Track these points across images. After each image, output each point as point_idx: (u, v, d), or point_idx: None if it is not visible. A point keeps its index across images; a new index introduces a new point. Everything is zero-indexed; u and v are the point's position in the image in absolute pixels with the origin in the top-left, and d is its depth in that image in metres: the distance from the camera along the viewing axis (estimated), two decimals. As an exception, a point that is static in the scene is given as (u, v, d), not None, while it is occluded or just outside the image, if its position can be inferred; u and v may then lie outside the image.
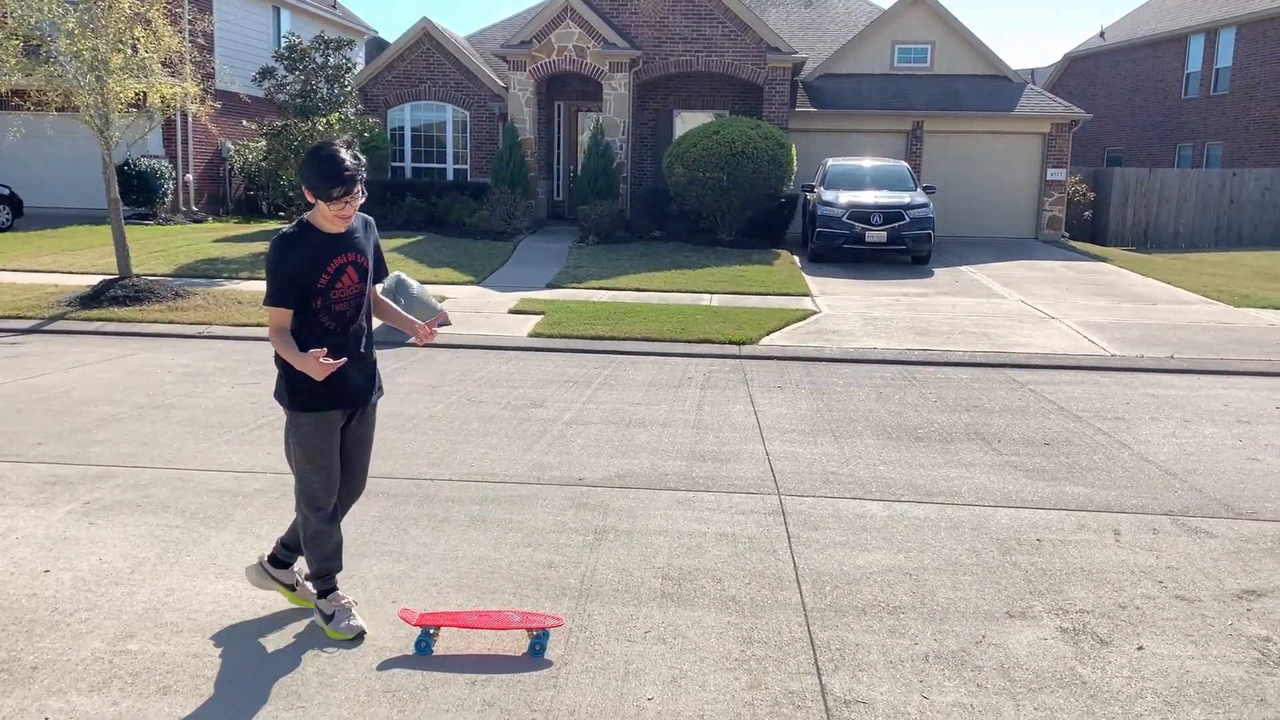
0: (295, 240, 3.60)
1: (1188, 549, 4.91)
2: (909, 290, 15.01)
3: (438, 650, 3.70)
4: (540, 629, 3.71)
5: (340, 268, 3.65)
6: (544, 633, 3.71)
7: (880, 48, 23.49)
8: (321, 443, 3.75)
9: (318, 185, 3.52)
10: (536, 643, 3.69)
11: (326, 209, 3.55)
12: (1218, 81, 28.81)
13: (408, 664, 3.61)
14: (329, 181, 3.50)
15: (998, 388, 8.98)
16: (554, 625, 3.74)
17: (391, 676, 3.53)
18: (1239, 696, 3.52)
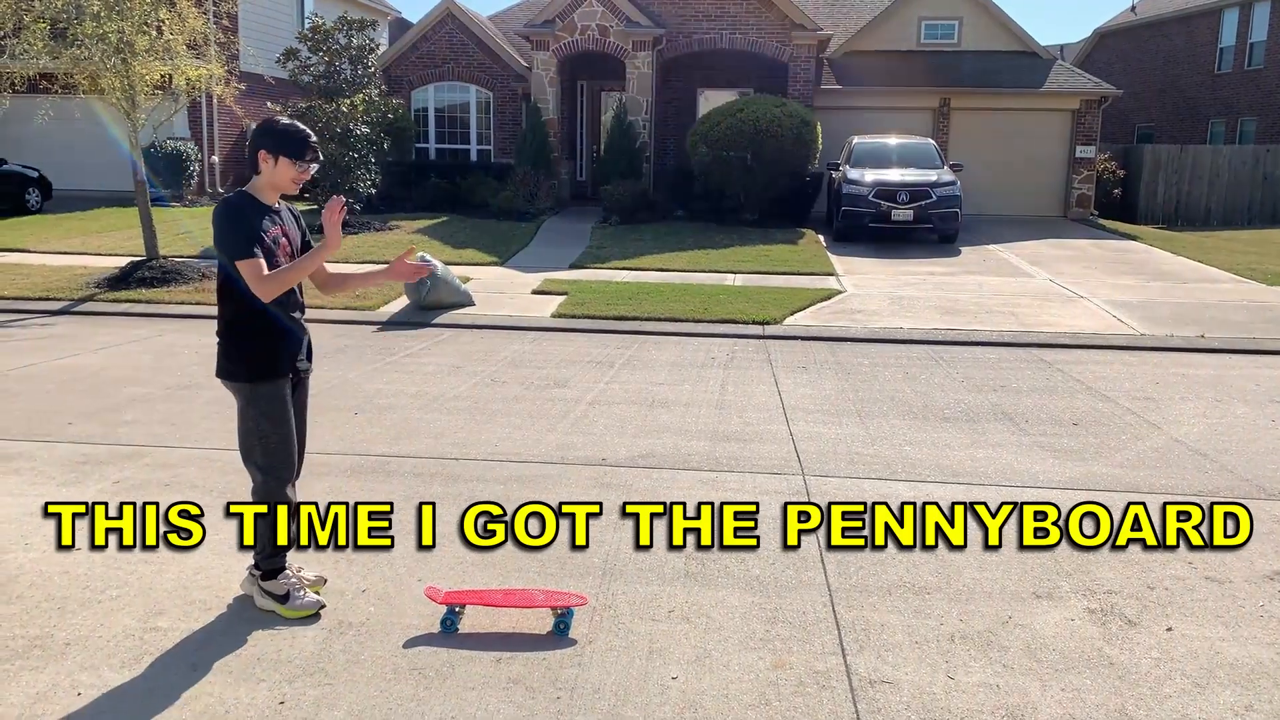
0: (238, 206, 3.72)
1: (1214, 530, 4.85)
2: (935, 269, 14.88)
3: (463, 629, 3.72)
4: (565, 608, 3.72)
5: (275, 238, 3.74)
6: (568, 611, 3.73)
7: (907, 24, 23.22)
8: (284, 409, 3.81)
9: (292, 149, 3.70)
10: (561, 621, 3.71)
11: (290, 170, 3.70)
12: (1252, 56, 28.27)
13: (433, 642, 3.63)
14: (303, 147, 3.71)
15: (1025, 367, 8.89)
16: (578, 604, 3.76)
17: (418, 654, 3.55)
18: (1270, 679, 3.48)
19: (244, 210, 3.69)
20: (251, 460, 3.81)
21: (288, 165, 3.69)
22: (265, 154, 3.70)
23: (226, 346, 3.77)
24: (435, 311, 11.05)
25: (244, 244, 3.61)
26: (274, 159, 3.69)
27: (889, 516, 4.96)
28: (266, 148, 3.69)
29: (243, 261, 3.60)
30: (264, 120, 3.79)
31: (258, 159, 3.71)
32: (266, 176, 3.73)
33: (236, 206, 3.69)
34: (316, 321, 10.60)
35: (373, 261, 14.42)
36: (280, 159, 3.69)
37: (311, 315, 11.50)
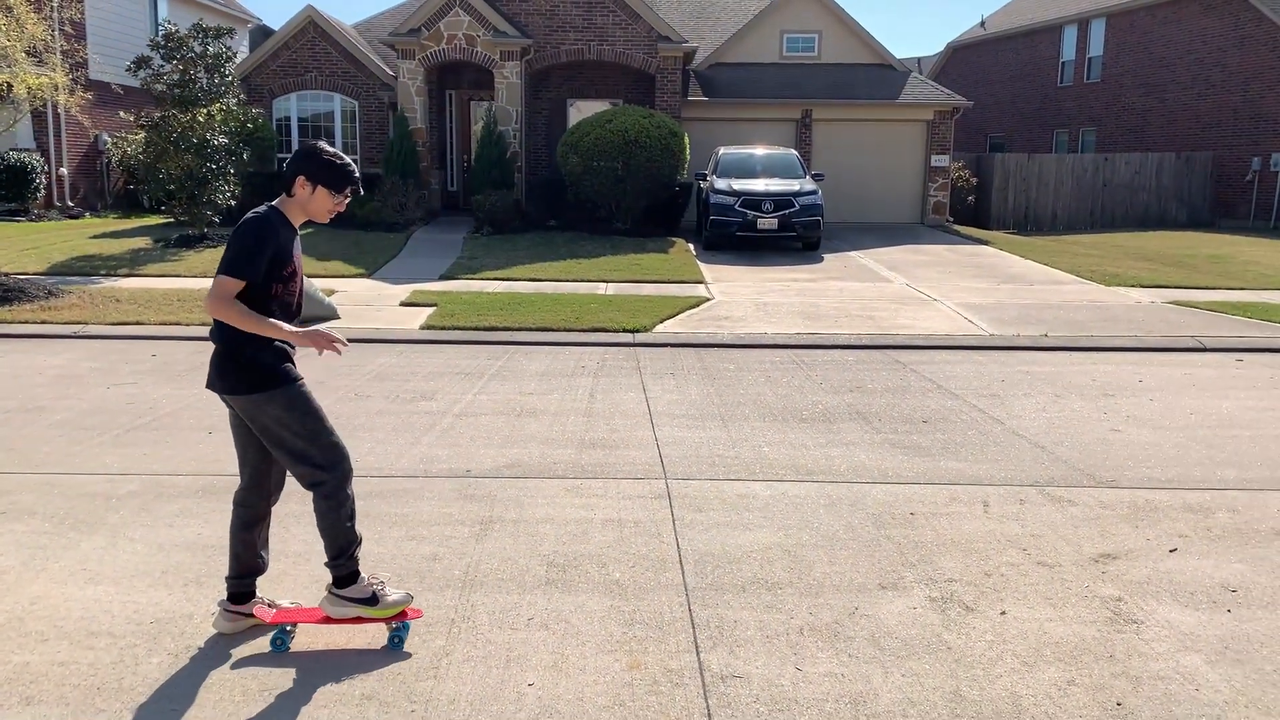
0: (274, 224, 3.61)
1: (1051, 517, 5.17)
2: (799, 276, 15.31)
3: (294, 647, 3.67)
4: (400, 621, 3.71)
5: (293, 271, 3.69)
6: (404, 625, 3.71)
7: (769, 37, 23.83)
8: (315, 401, 3.68)
9: (333, 180, 3.64)
10: (395, 635, 3.70)
11: (327, 201, 3.66)
12: (1090, 70, 30.05)
13: (266, 662, 3.57)
14: (346, 178, 3.67)
15: (881, 369, 9.24)
16: (414, 617, 3.76)
17: (268, 675, 3.48)
18: (1091, 654, 3.73)
19: (276, 230, 3.58)
20: (309, 463, 3.64)
21: (325, 195, 3.66)
22: (304, 180, 3.64)
23: (243, 361, 3.58)
24: (299, 325, 10.77)
25: (246, 263, 3.50)
26: (312, 186, 3.64)
27: (746, 516, 5.10)
28: (307, 174, 3.64)
29: (229, 278, 3.48)
30: (307, 145, 3.69)
31: (294, 182, 3.64)
32: (300, 201, 3.67)
33: (271, 225, 3.58)
34: (173, 339, 10.30)
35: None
36: (319, 188, 3.64)
37: (167, 332, 10.98)
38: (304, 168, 3.64)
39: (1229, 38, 25.21)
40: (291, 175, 3.66)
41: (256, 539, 3.83)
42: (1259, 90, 24.54)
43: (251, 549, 3.82)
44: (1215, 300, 13.00)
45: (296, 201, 3.67)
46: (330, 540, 3.71)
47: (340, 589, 3.73)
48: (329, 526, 3.70)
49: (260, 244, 3.54)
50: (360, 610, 3.72)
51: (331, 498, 3.67)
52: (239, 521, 3.81)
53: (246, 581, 3.83)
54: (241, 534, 3.80)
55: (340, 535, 3.70)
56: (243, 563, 3.81)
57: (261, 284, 3.55)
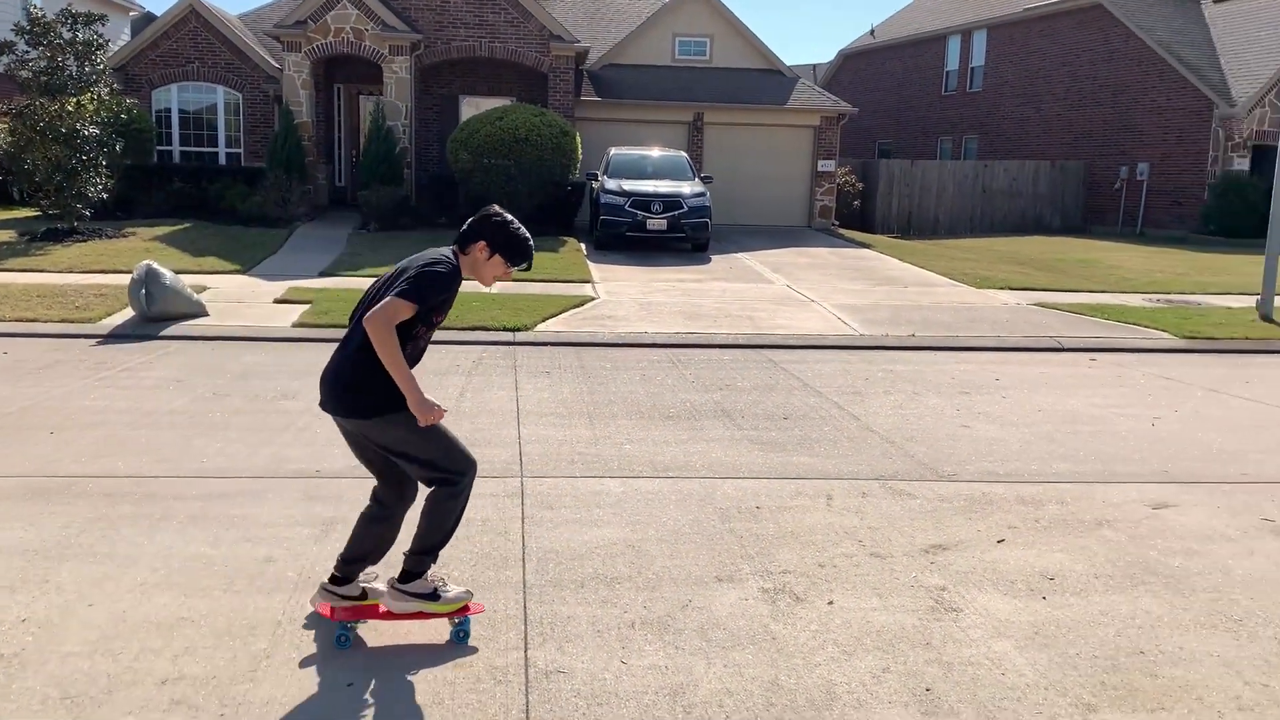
0: (457, 273, 3.68)
1: (890, 510, 5.33)
2: (685, 276, 15.46)
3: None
4: (462, 616, 3.77)
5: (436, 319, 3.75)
6: (465, 619, 3.78)
7: (662, 39, 24.01)
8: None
9: (513, 255, 3.75)
10: (459, 630, 3.76)
11: (498, 269, 3.75)
12: (973, 79, 31.09)
13: (104, 665, 3.46)
14: (526, 255, 3.80)
15: (754, 367, 9.40)
16: (477, 612, 3.83)
17: (74, 681, 3.37)
18: (909, 641, 3.86)
19: (457, 279, 3.66)
20: (437, 469, 3.68)
21: (499, 264, 3.74)
22: (485, 245, 3.71)
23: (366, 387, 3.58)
24: (164, 323, 10.44)
25: (426, 293, 3.52)
26: (490, 253, 3.72)
27: (596, 512, 5.14)
28: (490, 242, 3.71)
29: (405, 303, 3.45)
30: (497, 215, 3.76)
31: (475, 245, 3.70)
32: (472, 262, 3.72)
33: (456, 272, 3.65)
34: (28, 336, 9.85)
35: (100, 271, 13.49)
36: (496, 256, 3.72)
37: (22, 329, 10.51)
38: (490, 235, 3.71)
39: (1100, 51, 26.38)
40: (474, 237, 3.71)
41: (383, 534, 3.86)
42: (1127, 102, 25.74)
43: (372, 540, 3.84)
44: (1077, 302, 13.58)
45: (468, 260, 3.72)
46: (428, 534, 3.74)
47: (404, 584, 3.77)
48: (436, 521, 3.73)
49: (444, 285, 3.60)
50: (422, 605, 3.76)
51: (455, 498, 3.74)
52: (369, 515, 3.86)
53: (354, 566, 3.82)
54: (368, 526, 3.83)
55: (439, 533, 3.76)
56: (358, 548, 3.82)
57: (412, 319, 3.54)
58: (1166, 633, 3.98)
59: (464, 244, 3.73)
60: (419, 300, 3.49)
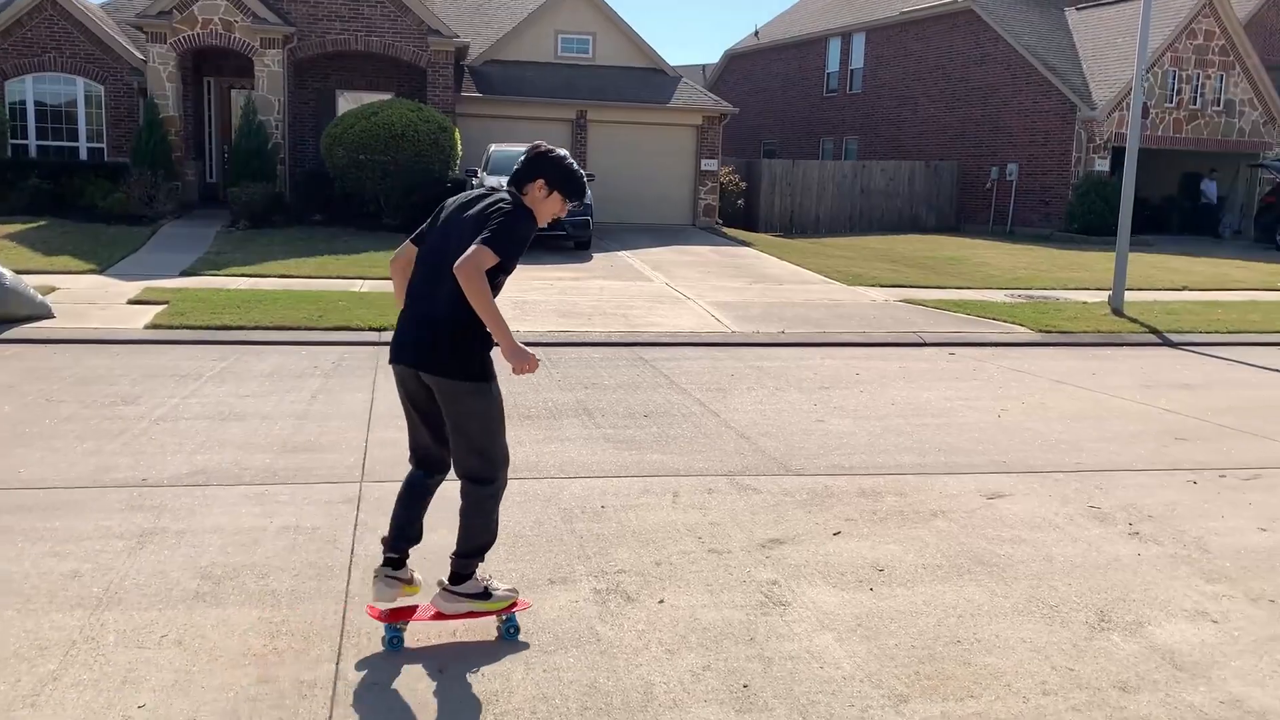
0: (533, 218, 3.72)
1: (734, 505, 5.35)
2: (565, 275, 15.38)
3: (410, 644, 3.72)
4: (509, 612, 3.82)
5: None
6: (513, 617, 3.84)
7: (544, 36, 23.87)
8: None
9: (571, 190, 3.79)
10: (509, 626, 3.82)
11: (559, 205, 3.80)
12: (853, 81, 31.78)
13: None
14: (581, 189, 3.84)
15: (623, 365, 9.37)
16: (524, 607, 3.90)
17: None
18: (734, 638, 3.86)
19: (533, 228, 3.71)
20: (485, 457, 3.74)
21: (557, 201, 3.79)
22: (544, 184, 3.74)
23: (466, 349, 3.60)
24: (2, 325, 9.87)
25: (510, 244, 3.53)
26: (549, 190, 3.75)
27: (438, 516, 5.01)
28: (548, 179, 3.74)
29: (490, 251, 3.44)
30: (548, 151, 3.80)
31: (532, 184, 3.73)
32: (533, 199, 3.74)
33: (532, 222, 3.69)
34: None
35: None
36: (555, 193, 3.76)
37: None
38: (548, 173, 3.74)
39: (971, 55, 27.25)
40: (531, 176, 3.74)
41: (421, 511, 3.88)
42: (997, 105, 26.66)
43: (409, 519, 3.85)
44: (943, 298, 13.97)
45: (528, 199, 3.74)
46: (473, 536, 3.80)
47: (456, 585, 3.81)
48: (479, 523, 3.79)
49: (527, 233, 3.65)
50: (473, 605, 3.80)
51: (494, 497, 3.80)
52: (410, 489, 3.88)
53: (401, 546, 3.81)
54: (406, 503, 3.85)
55: (485, 533, 3.82)
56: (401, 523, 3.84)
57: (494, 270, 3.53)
58: (985, 621, 4.07)
59: (520, 184, 3.76)
60: (504, 254, 3.51)
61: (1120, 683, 3.60)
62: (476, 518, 3.77)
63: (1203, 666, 3.73)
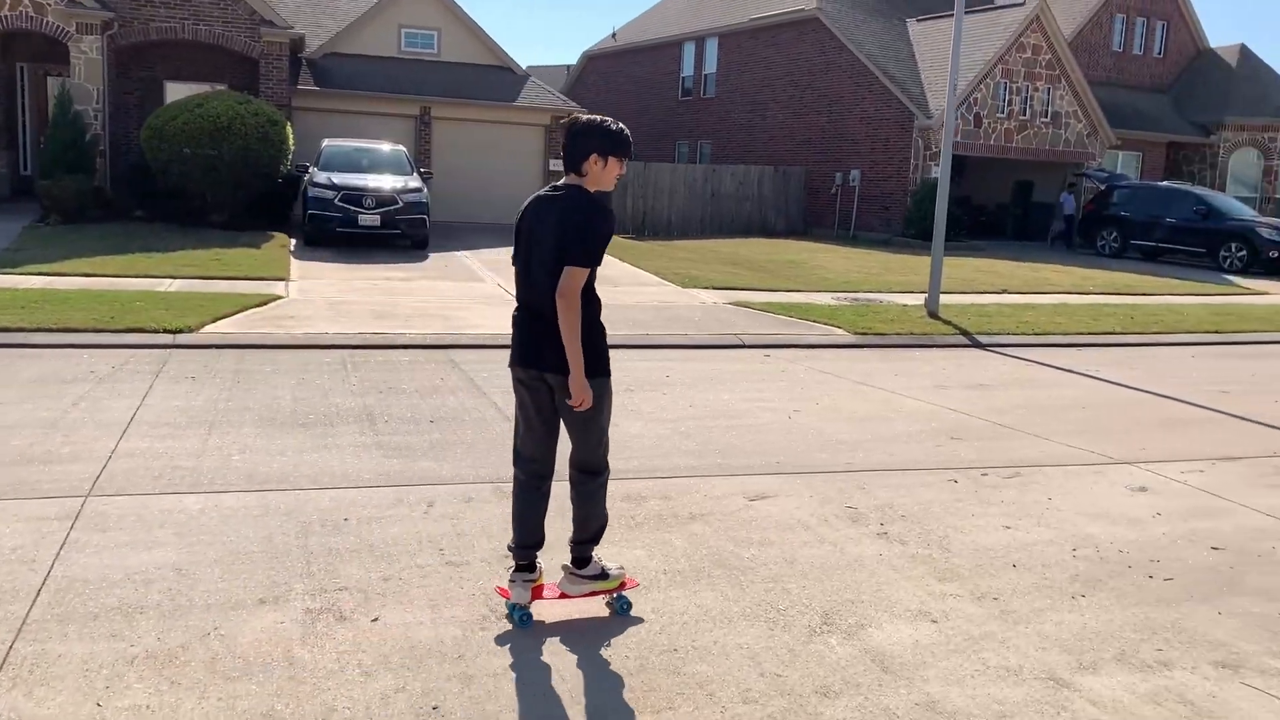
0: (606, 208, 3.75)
1: (490, 515, 5.17)
2: (395, 275, 14.96)
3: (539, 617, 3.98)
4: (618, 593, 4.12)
5: None
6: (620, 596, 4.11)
7: (387, 30, 23.28)
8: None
9: (623, 149, 3.79)
10: (621, 603, 4.10)
11: (617, 169, 3.79)
12: (706, 86, 32.12)
13: None
14: (630, 146, 3.83)
15: (429, 368, 9.10)
16: (633, 586, 4.19)
17: None
18: (439, 656, 3.67)
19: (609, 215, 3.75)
20: (604, 448, 3.98)
21: (615, 165, 3.78)
22: (597, 156, 3.74)
23: (588, 345, 3.73)
24: None
25: (599, 252, 3.70)
26: (604, 160, 3.75)
27: (157, 533, 4.68)
28: (599, 150, 3.74)
29: (582, 270, 3.65)
30: (588, 121, 3.79)
31: (586, 160, 3.74)
32: (594, 176, 3.77)
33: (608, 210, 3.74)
34: None
35: None
36: (610, 159, 3.76)
37: None
38: (597, 145, 3.73)
39: (818, 63, 27.87)
40: (583, 155, 3.74)
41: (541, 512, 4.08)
42: (841, 112, 27.33)
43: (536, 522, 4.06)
44: (771, 301, 14.14)
45: (591, 178, 3.77)
46: (590, 523, 4.03)
47: (580, 569, 4.05)
48: (595, 511, 4.03)
49: (608, 227, 3.69)
50: (594, 585, 4.05)
51: (605, 485, 4.03)
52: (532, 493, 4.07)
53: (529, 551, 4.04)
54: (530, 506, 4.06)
55: (601, 519, 4.06)
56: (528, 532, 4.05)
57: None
58: (708, 627, 4.01)
59: (576, 165, 3.77)
60: (594, 262, 3.69)
61: (823, 688, 3.57)
62: (590, 506, 4.01)
63: (910, 668, 3.75)
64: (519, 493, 4.06)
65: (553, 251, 3.69)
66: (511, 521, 4.08)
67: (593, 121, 3.81)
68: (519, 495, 4.06)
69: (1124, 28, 30.94)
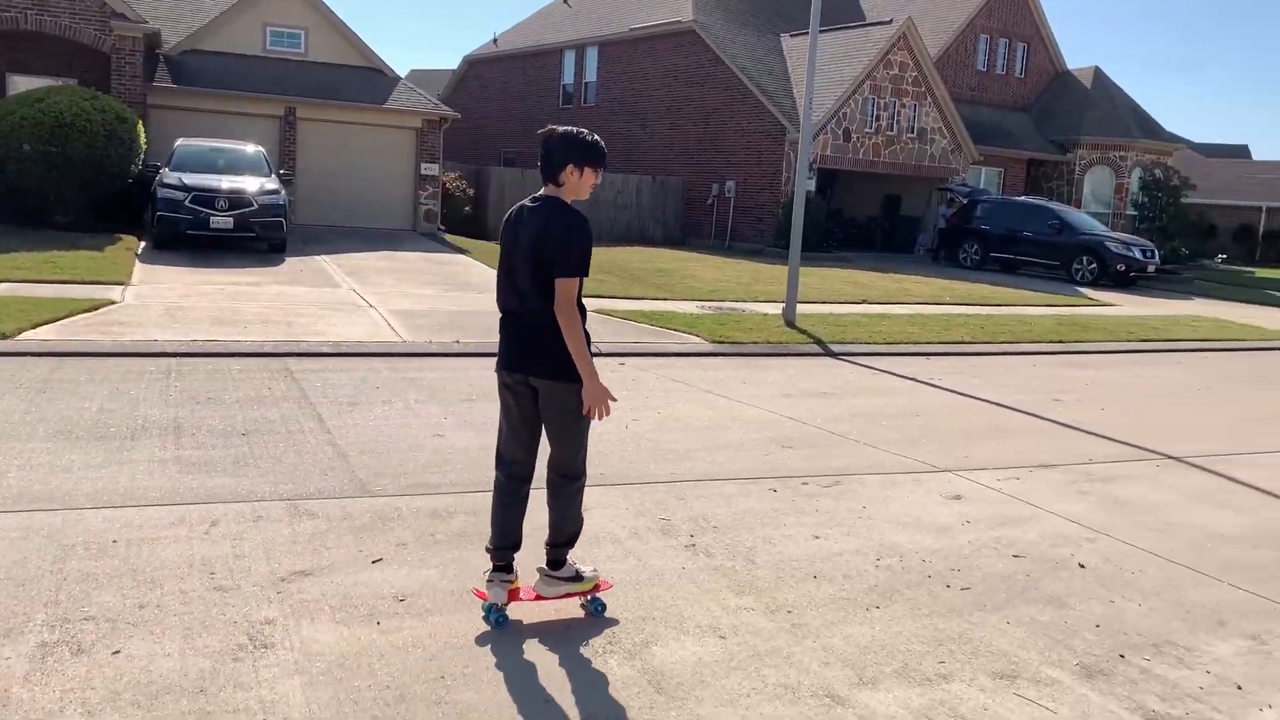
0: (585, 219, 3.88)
1: (275, 535, 4.88)
2: (244, 280, 14.36)
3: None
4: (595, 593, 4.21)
5: None
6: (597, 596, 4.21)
7: (252, 27, 22.50)
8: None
9: (598, 159, 3.91)
10: (595, 605, 4.19)
11: (593, 179, 3.90)
12: (587, 94, 32.05)
13: None
14: (603, 153, 3.95)
15: (259, 378, 8.68)
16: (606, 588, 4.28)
17: None
18: (177, 691, 3.39)
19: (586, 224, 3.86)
20: (582, 453, 4.07)
21: (591, 175, 3.89)
22: (574, 167, 3.85)
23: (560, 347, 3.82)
24: None
25: (584, 267, 3.79)
26: (580, 170, 3.87)
27: (-106, 561, 4.25)
28: (575, 160, 3.85)
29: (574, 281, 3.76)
30: (563, 133, 3.87)
31: (563, 171, 3.84)
32: (571, 186, 3.88)
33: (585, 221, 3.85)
34: None
35: None
36: (586, 169, 3.87)
37: None
38: (573, 155, 3.84)
39: (694, 74, 28.08)
40: (559, 166, 3.84)
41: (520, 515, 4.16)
42: (717, 124, 27.59)
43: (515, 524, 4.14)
44: (635, 309, 14.07)
45: (568, 189, 3.87)
46: (565, 526, 4.13)
47: (555, 570, 4.14)
48: (570, 514, 4.12)
49: (588, 237, 3.79)
50: (569, 587, 4.14)
51: (581, 490, 4.12)
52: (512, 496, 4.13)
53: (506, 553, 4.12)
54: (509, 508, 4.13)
55: (576, 523, 4.15)
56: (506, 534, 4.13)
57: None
58: (486, 651, 3.82)
59: (554, 176, 3.87)
60: (584, 272, 3.79)
61: (590, 716, 3.42)
62: (567, 509, 4.09)
63: (686, 688, 3.63)
64: (499, 495, 4.13)
65: (531, 262, 3.82)
66: (491, 523, 4.16)
67: (568, 133, 3.90)
68: (499, 498, 4.13)
69: (987, 48, 32.10)
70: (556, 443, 4.04)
